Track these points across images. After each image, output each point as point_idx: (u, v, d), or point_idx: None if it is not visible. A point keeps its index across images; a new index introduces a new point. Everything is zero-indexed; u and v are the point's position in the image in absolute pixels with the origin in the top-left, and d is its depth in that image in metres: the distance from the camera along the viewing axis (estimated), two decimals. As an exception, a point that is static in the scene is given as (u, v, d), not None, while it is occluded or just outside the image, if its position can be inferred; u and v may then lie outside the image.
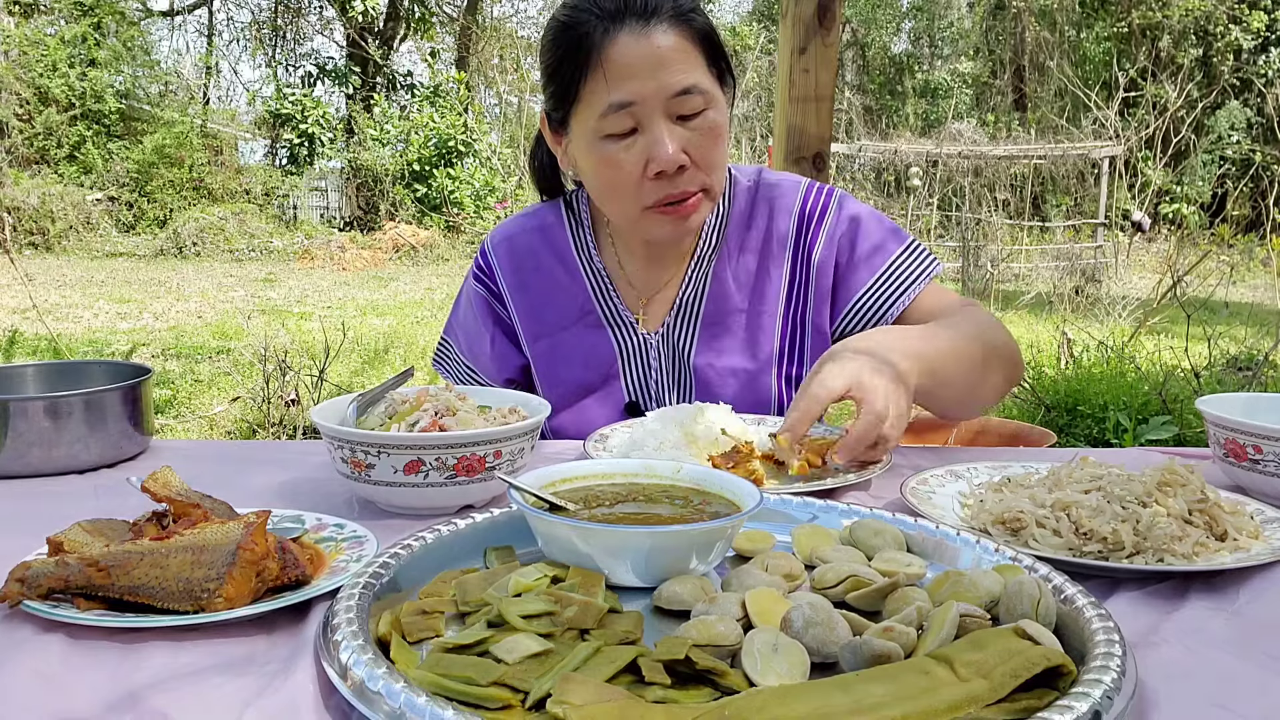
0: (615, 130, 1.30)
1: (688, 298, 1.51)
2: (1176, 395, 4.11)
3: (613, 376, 1.53)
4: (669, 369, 1.52)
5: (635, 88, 1.27)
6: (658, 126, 1.29)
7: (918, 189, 13.31)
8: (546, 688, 0.60)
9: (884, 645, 0.64)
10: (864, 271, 1.48)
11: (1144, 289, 8.95)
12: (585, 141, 1.34)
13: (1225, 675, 0.69)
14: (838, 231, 1.50)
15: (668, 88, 1.28)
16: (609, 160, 1.32)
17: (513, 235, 1.57)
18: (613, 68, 1.28)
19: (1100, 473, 0.99)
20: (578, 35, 1.30)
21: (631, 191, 1.33)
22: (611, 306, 1.52)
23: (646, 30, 1.27)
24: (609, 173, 1.33)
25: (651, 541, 0.79)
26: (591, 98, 1.30)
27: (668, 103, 1.28)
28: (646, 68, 1.27)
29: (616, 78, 1.28)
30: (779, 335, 1.51)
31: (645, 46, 1.27)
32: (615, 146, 1.31)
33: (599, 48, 1.28)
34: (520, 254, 1.55)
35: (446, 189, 15.05)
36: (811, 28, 2.92)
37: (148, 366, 1.32)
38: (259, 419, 4.35)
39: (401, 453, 0.98)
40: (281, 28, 20.68)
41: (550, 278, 1.54)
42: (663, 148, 1.28)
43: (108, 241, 14.01)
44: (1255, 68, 16.22)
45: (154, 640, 0.72)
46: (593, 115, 1.30)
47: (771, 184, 1.54)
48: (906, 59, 21.60)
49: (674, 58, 1.28)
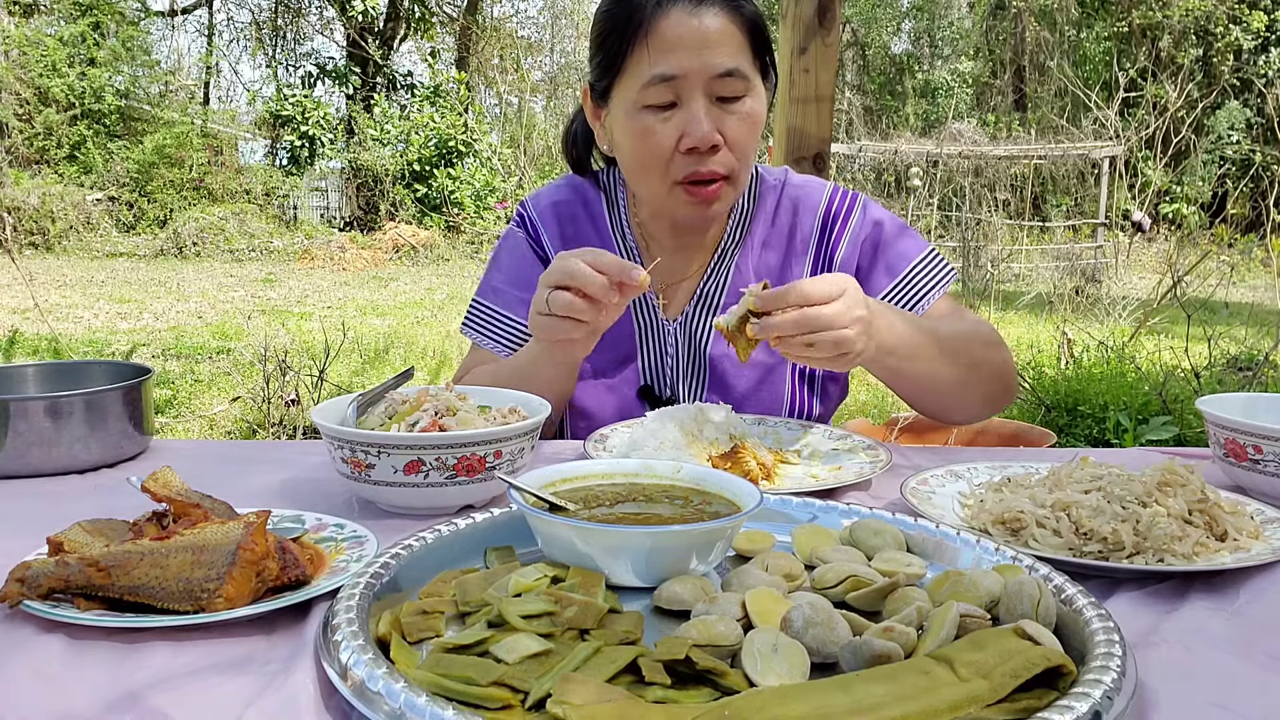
0: (655, 101, 1.33)
1: (708, 289, 1.53)
2: (1176, 395, 4.11)
3: (630, 358, 1.54)
4: (685, 357, 1.53)
5: (680, 62, 1.30)
6: (696, 103, 1.32)
7: (918, 189, 13.30)
8: (546, 688, 0.60)
9: (884, 645, 0.64)
10: (884, 276, 1.51)
11: (1144, 289, 8.95)
12: (624, 112, 1.37)
13: (1225, 675, 0.69)
14: (861, 234, 1.52)
15: (711, 67, 1.31)
16: (645, 130, 1.34)
17: (558, 202, 1.59)
18: (660, 40, 1.31)
19: (1100, 473, 0.99)
20: (630, 7, 1.33)
21: (662, 164, 1.36)
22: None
23: (698, 10, 1.31)
24: (644, 143, 1.36)
25: (651, 541, 0.79)
26: (636, 68, 1.33)
27: (709, 82, 1.31)
28: (693, 44, 1.30)
29: (662, 50, 1.31)
30: None
31: (694, 24, 1.30)
32: (653, 118, 1.34)
33: (649, 20, 1.31)
34: (564, 221, 1.58)
35: (447, 189, 15.05)
36: (811, 28, 2.92)
37: (148, 366, 1.32)
38: (259, 419, 4.35)
39: (401, 453, 0.98)
40: (281, 28, 20.68)
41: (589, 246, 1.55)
42: (699, 124, 1.31)
43: (108, 241, 14.01)
44: (1255, 68, 16.21)
45: (154, 640, 0.72)
46: (635, 86, 1.34)
47: (797, 184, 1.57)
48: (906, 59, 21.60)
49: (721, 39, 1.31)
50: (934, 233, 12.89)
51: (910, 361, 1.28)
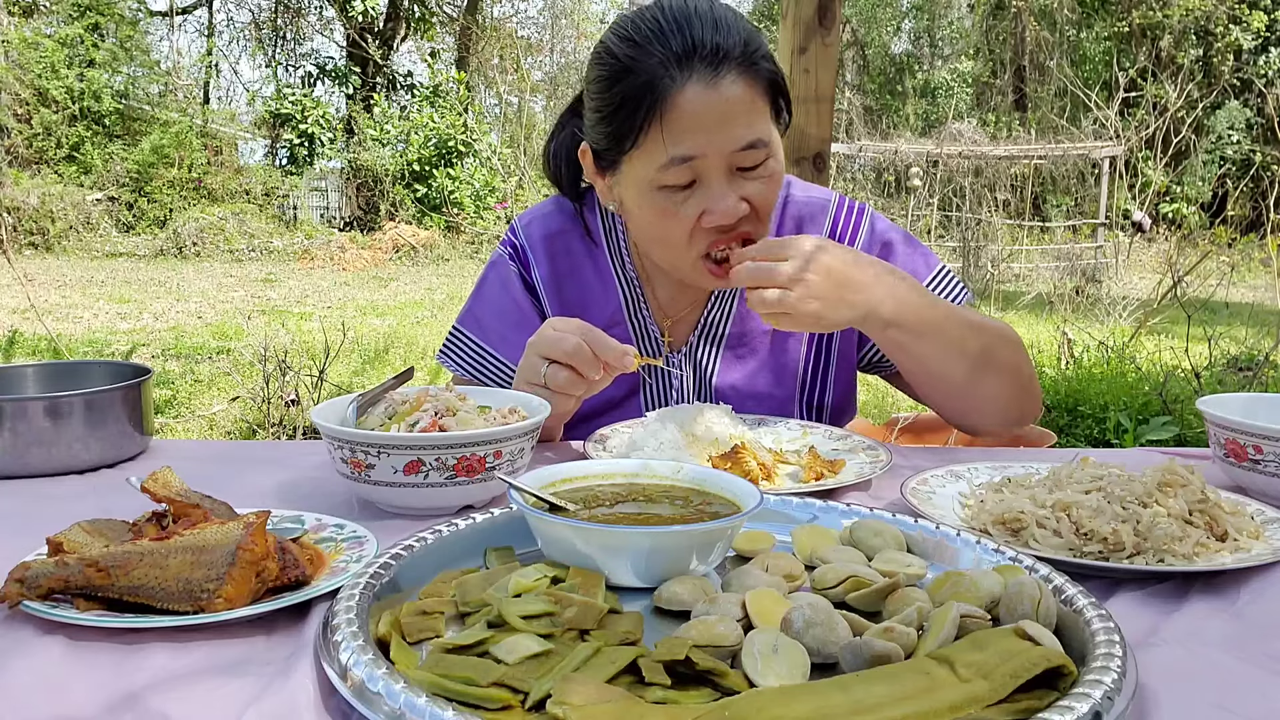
0: (674, 182, 1.24)
1: (712, 318, 1.50)
2: (1177, 395, 4.11)
3: (634, 392, 1.52)
4: (691, 388, 1.51)
5: (699, 142, 1.21)
6: (719, 181, 1.24)
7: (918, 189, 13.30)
8: (546, 688, 0.60)
9: (884, 646, 0.64)
10: None
11: (1144, 289, 8.95)
12: (638, 189, 1.28)
13: (1226, 676, 0.69)
14: (871, 251, 1.47)
15: (733, 142, 1.22)
16: (664, 212, 1.27)
17: (550, 234, 1.52)
18: (677, 119, 1.21)
19: (1100, 473, 0.99)
20: (641, 81, 1.22)
21: (684, 242, 1.29)
22: (641, 320, 1.50)
23: (715, 80, 1.20)
24: (663, 223, 1.28)
25: (651, 541, 0.79)
26: (650, 147, 1.24)
27: (731, 156, 1.23)
28: (713, 122, 1.21)
29: (680, 131, 1.21)
30: (804, 360, 1.51)
31: (713, 99, 1.20)
32: (672, 199, 1.26)
33: (664, 97, 1.21)
34: (557, 255, 1.51)
35: (446, 189, 15.05)
36: (811, 28, 2.91)
37: (148, 367, 1.32)
38: (259, 419, 4.35)
39: (401, 453, 0.98)
40: (281, 28, 20.68)
41: (584, 286, 1.51)
42: (723, 202, 1.24)
43: (107, 241, 14.01)
44: (1255, 68, 16.21)
45: (154, 641, 0.72)
46: (650, 165, 1.24)
47: (801, 201, 1.51)
48: (906, 59, 21.60)
49: (741, 110, 1.22)
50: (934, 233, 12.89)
51: (918, 338, 1.23)
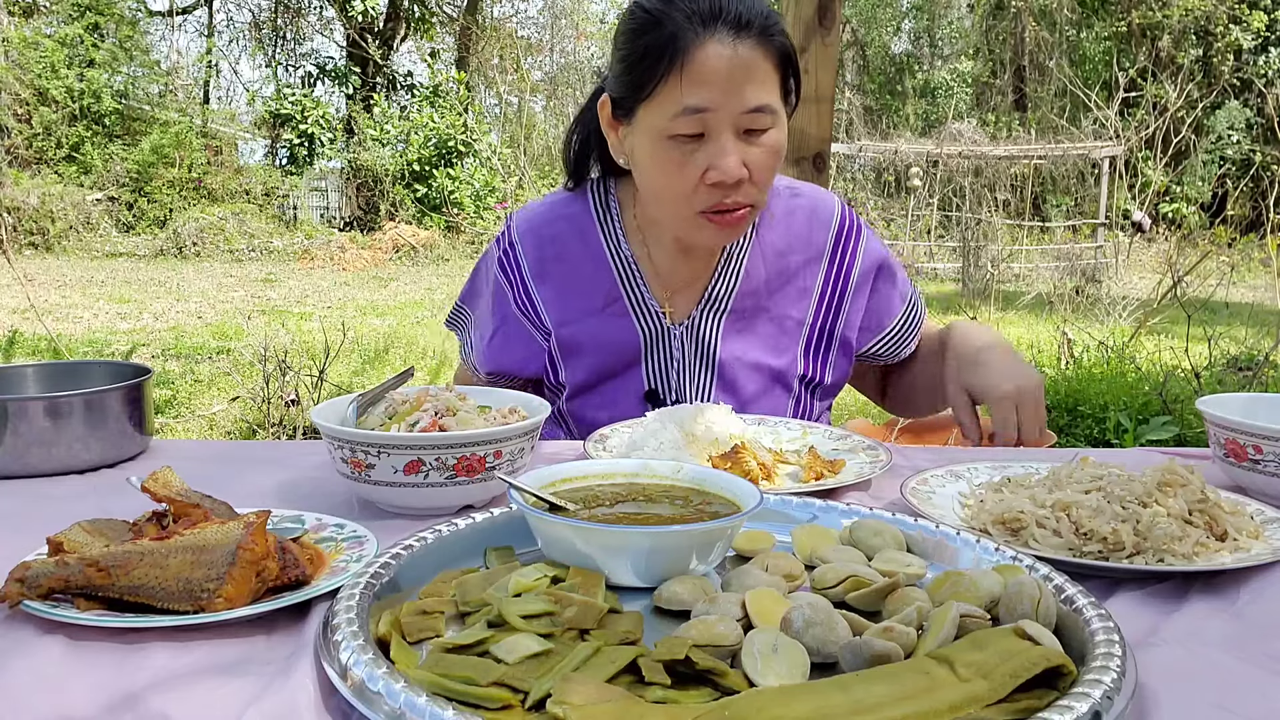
0: (684, 131, 1.30)
1: (716, 290, 1.52)
2: (1177, 395, 4.11)
3: (634, 364, 1.54)
4: (693, 360, 1.53)
5: (713, 96, 1.28)
6: (725, 138, 1.30)
7: (918, 189, 13.31)
8: (546, 688, 0.60)
9: (884, 645, 0.64)
10: (897, 301, 1.60)
11: (1144, 289, 8.95)
12: (649, 137, 1.34)
13: (1226, 676, 0.69)
14: (872, 253, 1.58)
15: (743, 103, 1.29)
16: (671, 161, 1.33)
17: (539, 227, 1.56)
18: (695, 72, 1.28)
19: (1100, 473, 0.99)
20: (666, 33, 1.29)
21: (686, 195, 1.34)
22: (638, 294, 1.52)
23: (735, 42, 1.28)
24: (668, 174, 1.34)
25: (651, 541, 0.79)
26: (667, 96, 1.30)
27: (739, 117, 1.30)
28: (728, 78, 1.28)
29: (696, 82, 1.28)
30: (805, 339, 1.55)
31: (731, 58, 1.28)
32: (680, 150, 1.32)
33: (685, 50, 1.28)
34: (544, 244, 1.55)
35: (446, 189, 15.05)
36: (811, 28, 2.91)
37: (148, 366, 1.31)
38: (259, 419, 4.35)
39: (401, 453, 0.98)
40: (281, 28, 20.67)
41: (575, 267, 1.54)
42: (727, 159, 1.30)
43: (107, 241, 14.01)
44: (1255, 68, 16.20)
45: (154, 641, 0.72)
46: (664, 114, 1.31)
47: (807, 192, 1.60)
48: (906, 59, 21.59)
49: (754, 74, 1.29)
50: (934, 233, 12.89)
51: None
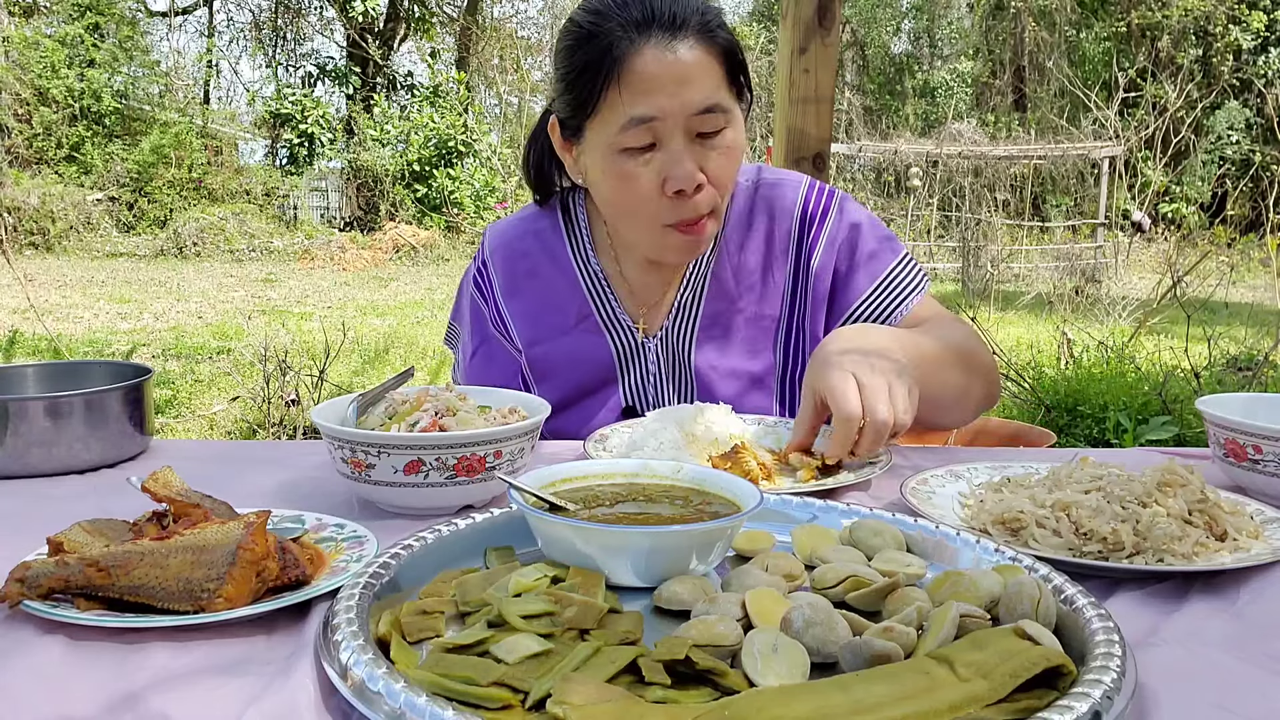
0: (633, 144, 1.27)
1: (687, 298, 1.50)
2: (1176, 395, 4.11)
3: (610, 380, 1.52)
4: (669, 372, 1.51)
5: (657, 103, 1.24)
6: (677, 144, 1.27)
7: (918, 189, 13.32)
8: (546, 688, 0.60)
9: (884, 645, 0.64)
10: (863, 279, 1.48)
11: (1144, 289, 8.95)
12: (600, 154, 1.31)
13: (1225, 676, 0.69)
14: (838, 237, 1.49)
15: (690, 105, 1.25)
16: (625, 175, 1.29)
17: (509, 241, 1.55)
18: (634, 81, 1.24)
19: (1100, 473, 0.99)
20: (601, 45, 1.25)
21: (649, 208, 1.31)
22: (610, 310, 1.51)
23: (672, 44, 1.24)
24: (625, 188, 1.31)
25: (651, 541, 0.79)
26: (610, 110, 1.27)
27: (689, 120, 1.26)
28: (670, 83, 1.24)
29: (638, 91, 1.24)
30: (781, 339, 1.52)
31: (670, 61, 1.24)
32: (632, 162, 1.28)
33: (622, 60, 1.24)
34: (515, 259, 1.54)
35: (446, 189, 15.06)
36: (811, 28, 2.91)
37: (148, 366, 1.31)
38: (259, 419, 4.35)
39: (401, 453, 0.98)
40: (281, 28, 20.69)
41: (546, 284, 1.53)
42: (681, 166, 1.26)
43: (108, 242, 14.01)
44: (1255, 68, 16.21)
45: (154, 640, 0.72)
46: (611, 128, 1.27)
47: (771, 183, 1.52)
48: (906, 59, 21.60)
49: (698, 74, 1.25)
50: (934, 233, 12.90)
51: (926, 383, 1.25)
